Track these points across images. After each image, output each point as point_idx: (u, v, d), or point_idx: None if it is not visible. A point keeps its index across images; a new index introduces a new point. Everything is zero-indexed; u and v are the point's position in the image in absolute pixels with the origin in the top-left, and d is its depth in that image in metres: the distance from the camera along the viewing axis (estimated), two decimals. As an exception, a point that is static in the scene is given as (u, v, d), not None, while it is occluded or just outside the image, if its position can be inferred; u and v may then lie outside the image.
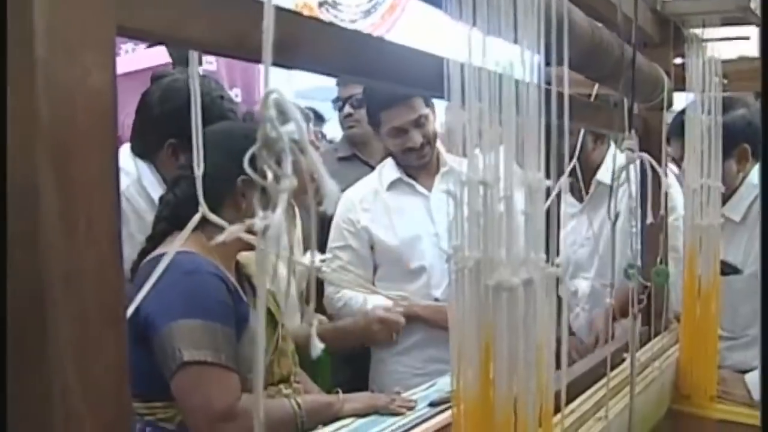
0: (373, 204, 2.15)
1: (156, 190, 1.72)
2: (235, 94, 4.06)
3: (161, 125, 1.74)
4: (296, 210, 1.66)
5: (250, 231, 0.46)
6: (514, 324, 0.64)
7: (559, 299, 0.72)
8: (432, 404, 1.57)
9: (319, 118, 3.73)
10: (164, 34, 0.60)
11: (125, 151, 1.79)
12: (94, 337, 0.49)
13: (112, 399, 0.50)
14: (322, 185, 0.45)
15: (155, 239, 1.45)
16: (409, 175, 2.18)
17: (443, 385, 1.71)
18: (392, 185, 2.18)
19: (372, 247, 2.14)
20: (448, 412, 1.46)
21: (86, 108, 0.49)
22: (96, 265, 0.49)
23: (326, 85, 3.18)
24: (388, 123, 2.11)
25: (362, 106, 2.46)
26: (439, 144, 2.25)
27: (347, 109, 2.63)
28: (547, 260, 0.70)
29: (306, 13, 6.40)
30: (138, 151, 1.81)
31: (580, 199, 2.17)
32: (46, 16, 0.47)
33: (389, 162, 2.21)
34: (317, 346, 0.48)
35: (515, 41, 0.72)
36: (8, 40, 0.49)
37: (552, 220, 0.80)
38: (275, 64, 0.49)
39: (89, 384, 0.49)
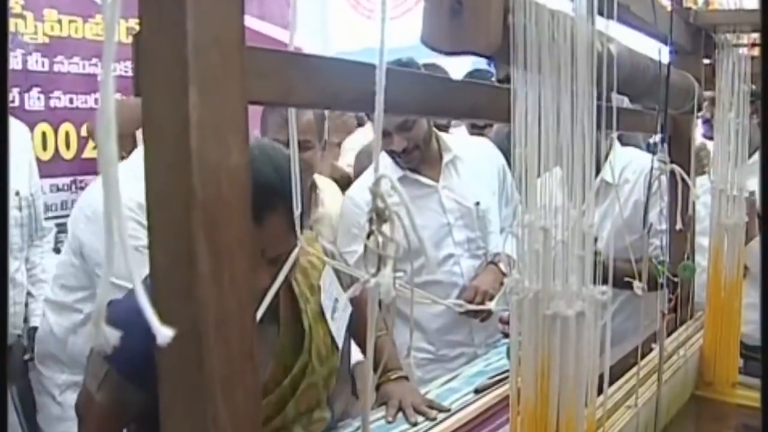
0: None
1: None
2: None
3: None
4: None
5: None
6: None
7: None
8: (477, 391, 1.68)
9: None
10: (282, 101, 0.72)
11: None
12: (237, 370, 0.61)
13: (251, 421, 0.62)
14: (423, 250, 0.56)
15: None
16: (413, 170, 2.20)
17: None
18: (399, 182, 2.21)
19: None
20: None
21: (229, 183, 0.60)
22: (237, 311, 0.61)
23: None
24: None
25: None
26: (442, 134, 2.29)
27: None
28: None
29: (353, 3, 6.49)
30: None
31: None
32: (197, 109, 0.58)
33: (387, 161, 2.17)
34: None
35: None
36: (157, 129, 0.60)
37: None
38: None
39: (233, 410, 0.60)
